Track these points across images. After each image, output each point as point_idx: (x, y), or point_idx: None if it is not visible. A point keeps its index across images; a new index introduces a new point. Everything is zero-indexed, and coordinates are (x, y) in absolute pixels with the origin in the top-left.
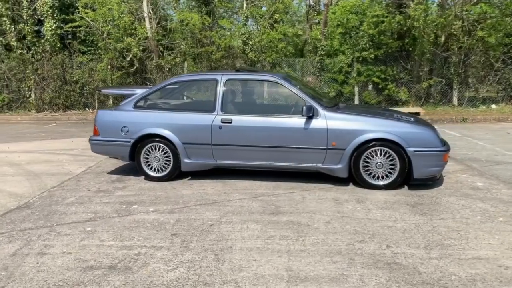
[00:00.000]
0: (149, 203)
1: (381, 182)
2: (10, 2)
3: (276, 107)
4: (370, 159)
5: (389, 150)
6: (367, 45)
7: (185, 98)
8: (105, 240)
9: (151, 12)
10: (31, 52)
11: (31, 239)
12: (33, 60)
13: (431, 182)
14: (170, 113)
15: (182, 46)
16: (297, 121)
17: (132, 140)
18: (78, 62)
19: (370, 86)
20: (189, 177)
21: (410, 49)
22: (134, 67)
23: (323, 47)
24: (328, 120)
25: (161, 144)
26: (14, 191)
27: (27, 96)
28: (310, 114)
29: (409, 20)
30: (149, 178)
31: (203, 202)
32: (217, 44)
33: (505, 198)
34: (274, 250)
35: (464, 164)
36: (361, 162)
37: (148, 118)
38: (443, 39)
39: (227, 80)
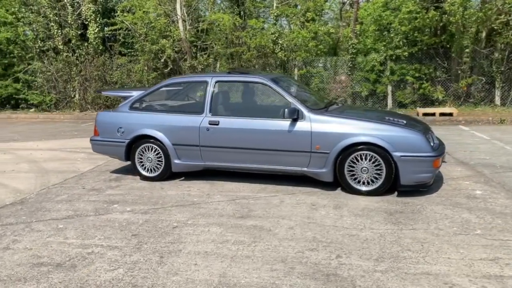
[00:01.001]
0: (130, 202)
1: (363, 188)
2: (57, 8)
3: (264, 109)
4: (355, 164)
5: (374, 155)
6: (401, 43)
7: (178, 99)
8: (69, 238)
9: (185, 14)
10: (75, 54)
11: (5, 234)
12: (77, 62)
13: (425, 189)
14: (162, 114)
15: (214, 47)
16: (282, 124)
17: (127, 141)
18: (117, 64)
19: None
20: (183, 178)
21: (448, 46)
22: (169, 68)
23: (353, 45)
24: (313, 123)
25: (154, 145)
26: (18, 187)
27: (72, 96)
28: (295, 117)
29: (445, 16)
30: (143, 178)
31: (181, 203)
32: (248, 44)
33: (497, 209)
34: (220, 255)
35: (474, 170)
36: (345, 166)
37: (142, 119)
38: (484, 34)
39: (216, 82)
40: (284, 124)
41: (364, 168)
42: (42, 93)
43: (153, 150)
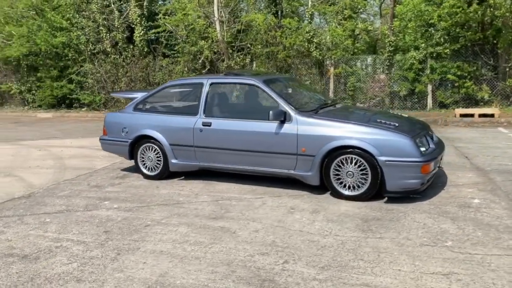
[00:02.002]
0: (121, 200)
1: (346, 192)
2: (105, 13)
3: (255, 111)
4: (341, 168)
5: (360, 159)
6: (442, 39)
7: (177, 101)
8: (48, 232)
9: (222, 15)
10: (122, 56)
11: None
12: (124, 64)
13: (418, 195)
14: (161, 115)
15: (250, 47)
16: (270, 126)
17: (130, 141)
18: (160, 65)
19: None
20: (183, 177)
21: (495, 41)
22: (206, 69)
23: (391, 42)
24: (299, 125)
25: (154, 145)
26: (33, 182)
27: None
28: (281, 119)
29: (490, 9)
30: (145, 176)
31: (166, 202)
32: (283, 43)
33: (486, 220)
34: (173, 254)
35: (486, 177)
36: (331, 170)
37: (143, 120)
38: None
39: (211, 83)
40: (272, 126)
41: (349, 172)
42: (92, 93)
43: (153, 149)
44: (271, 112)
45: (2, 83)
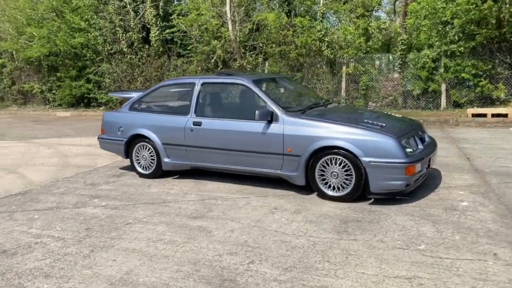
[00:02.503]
0: (111, 198)
1: (330, 193)
2: (122, 14)
3: (244, 111)
4: (326, 168)
5: (344, 159)
6: (456, 37)
7: (170, 100)
8: (32, 228)
9: (235, 14)
10: (137, 56)
11: None
12: (139, 63)
13: (406, 197)
14: (154, 115)
15: (262, 46)
16: (257, 125)
17: (125, 139)
18: (174, 65)
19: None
20: (177, 176)
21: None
22: (219, 68)
23: (403, 41)
24: (285, 125)
25: (148, 144)
26: (33, 179)
27: None
28: (268, 119)
29: (506, 6)
30: (140, 175)
31: (153, 201)
32: (295, 43)
33: (468, 223)
34: (144, 253)
35: (482, 179)
36: (316, 170)
37: (138, 119)
38: None
39: (202, 83)
40: (259, 126)
41: (334, 172)
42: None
43: (147, 148)
44: (257, 112)
45: (25, 83)
